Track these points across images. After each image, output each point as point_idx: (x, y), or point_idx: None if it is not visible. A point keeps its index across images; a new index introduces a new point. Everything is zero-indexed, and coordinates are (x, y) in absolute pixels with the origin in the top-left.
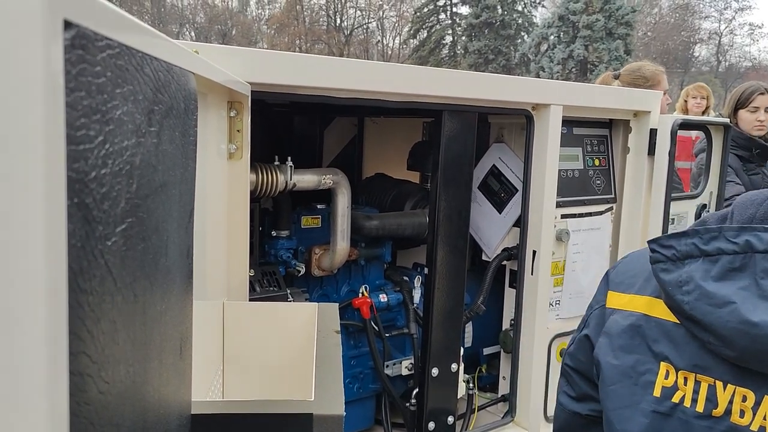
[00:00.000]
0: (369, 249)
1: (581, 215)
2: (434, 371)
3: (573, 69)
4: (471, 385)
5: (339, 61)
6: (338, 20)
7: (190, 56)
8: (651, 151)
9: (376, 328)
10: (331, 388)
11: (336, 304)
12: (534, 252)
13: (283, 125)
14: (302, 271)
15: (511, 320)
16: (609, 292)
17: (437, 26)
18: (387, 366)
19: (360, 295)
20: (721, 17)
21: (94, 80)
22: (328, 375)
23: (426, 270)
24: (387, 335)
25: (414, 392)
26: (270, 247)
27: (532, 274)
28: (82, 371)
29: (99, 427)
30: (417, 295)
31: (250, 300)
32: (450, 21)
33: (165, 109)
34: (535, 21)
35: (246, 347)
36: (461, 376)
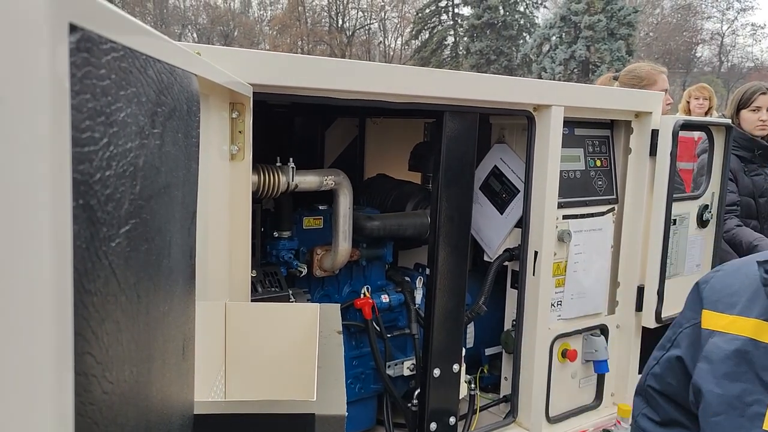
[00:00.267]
0: (370, 249)
1: (583, 216)
2: (436, 372)
3: (575, 70)
4: (473, 386)
5: (340, 63)
6: (340, 21)
7: (193, 58)
8: (652, 152)
9: (378, 329)
10: (333, 389)
11: (338, 305)
12: (535, 253)
13: (285, 126)
14: (304, 272)
15: (513, 321)
16: (704, 311)
17: (439, 27)
18: (389, 366)
19: (362, 296)
20: (724, 18)
21: (99, 83)
22: (330, 375)
23: (427, 270)
24: (388, 336)
25: (416, 393)
26: (272, 248)
27: (534, 275)
28: (87, 371)
29: (103, 427)
30: (418, 296)
31: (252, 301)
32: (452, 22)
33: (168, 111)
34: (537, 22)
35: (248, 348)
36: (463, 377)
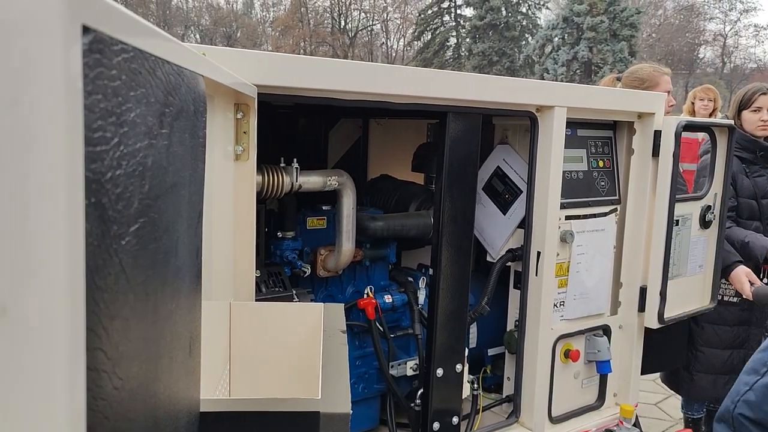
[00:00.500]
0: (374, 250)
1: (585, 216)
2: (439, 372)
3: (577, 71)
4: (475, 386)
5: (344, 64)
6: (342, 22)
7: (199, 59)
8: (655, 153)
9: (381, 329)
10: (338, 387)
11: (341, 305)
12: (538, 253)
13: (289, 127)
14: (307, 272)
15: (516, 321)
16: None
17: (441, 28)
18: (392, 366)
19: (365, 296)
20: (726, 19)
21: (110, 83)
22: (335, 374)
23: (431, 271)
24: (392, 336)
25: (419, 392)
26: (275, 248)
27: (537, 275)
28: (98, 367)
29: (113, 422)
30: (422, 296)
31: (256, 300)
32: (454, 23)
33: (175, 112)
34: (540, 23)
35: (252, 347)
36: (466, 377)
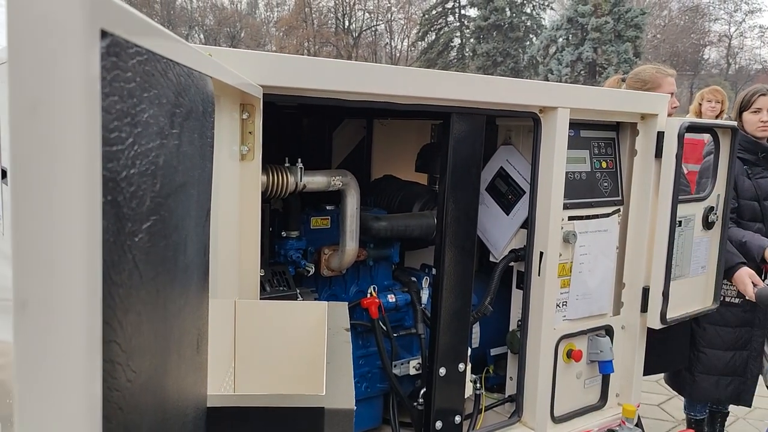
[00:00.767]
0: (377, 250)
1: (588, 217)
2: (442, 371)
3: (581, 72)
4: (478, 385)
5: (349, 64)
6: (347, 23)
7: (207, 60)
8: (658, 154)
9: (384, 328)
10: (342, 383)
11: (345, 303)
12: (541, 253)
13: (293, 127)
14: (311, 271)
15: (518, 321)
16: None
17: (445, 29)
18: (395, 366)
19: (368, 296)
20: (731, 20)
21: (126, 85)
22: (339, 370)
23: (434, 271)
24: (395, 335)
25: (421, 392)
26: (280, 248)
27: (539, 276)
28: (113, 359)
29: (126, 414)
30: (425, 296)
31: (261, 299)
32: (458, 23)
33: (185, 112)
34: (544, 23)
35: (257, 345)
36: (468, 376)
